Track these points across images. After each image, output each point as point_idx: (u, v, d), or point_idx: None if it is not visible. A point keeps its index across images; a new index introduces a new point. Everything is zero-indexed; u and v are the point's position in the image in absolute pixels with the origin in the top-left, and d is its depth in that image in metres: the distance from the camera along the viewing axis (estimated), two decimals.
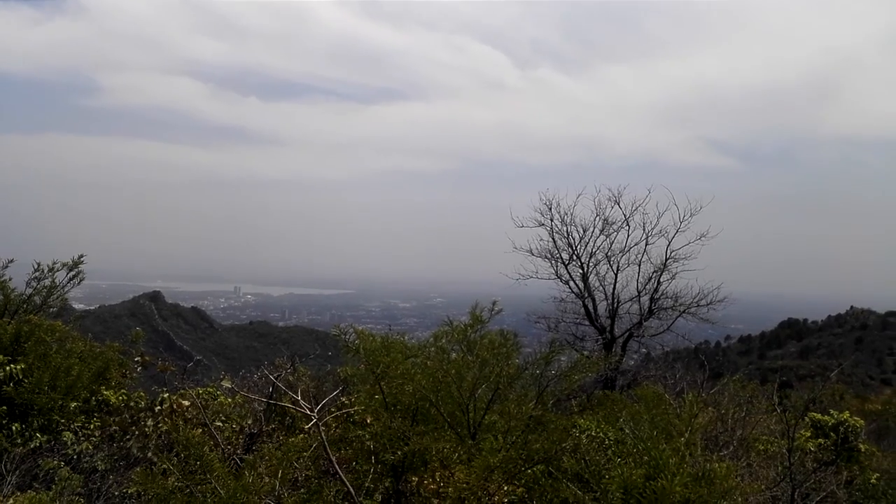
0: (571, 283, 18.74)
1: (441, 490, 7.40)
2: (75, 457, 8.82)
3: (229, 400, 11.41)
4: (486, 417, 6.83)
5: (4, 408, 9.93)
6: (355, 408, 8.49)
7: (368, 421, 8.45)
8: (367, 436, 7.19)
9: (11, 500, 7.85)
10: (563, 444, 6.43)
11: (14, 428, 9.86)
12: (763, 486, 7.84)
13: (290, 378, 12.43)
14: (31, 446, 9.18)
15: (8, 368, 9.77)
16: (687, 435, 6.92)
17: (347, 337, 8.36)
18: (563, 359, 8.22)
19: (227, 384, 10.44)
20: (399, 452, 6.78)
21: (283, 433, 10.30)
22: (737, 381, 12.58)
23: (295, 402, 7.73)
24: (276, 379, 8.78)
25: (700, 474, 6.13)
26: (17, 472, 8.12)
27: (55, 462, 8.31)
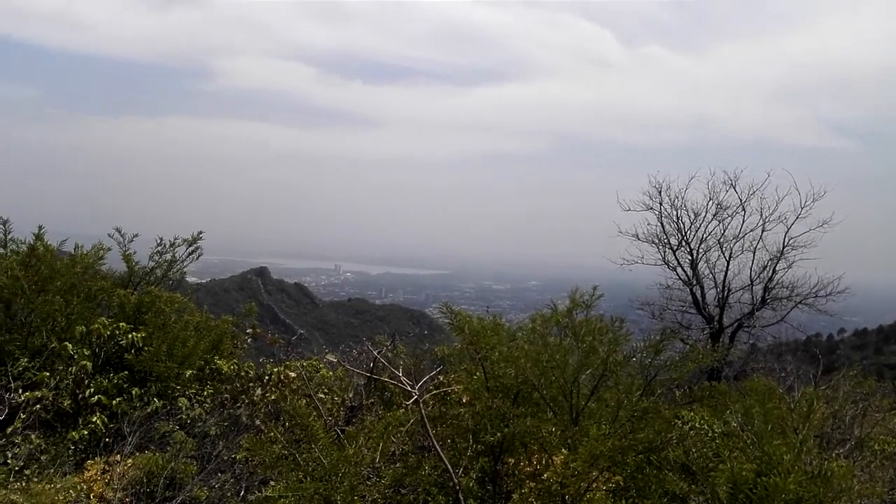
0: (679, 269, 18.14)
1: (537, 472, 7.35)
2: (189, 421, 9.36)
3: (330, 373, 11.77)
4: (588, 404, 6.70)
5: (126, 373, 10.64)
6: (454, 387, 8.54)
7: (465, 400, 8.49)
8: (467, 415, 7.22)
9: (131, 460, 8.42)
10: (668, 436, 6.22)
11: (134, 393, 10.54)
12: (881, 488, 7.34)
13: (390, 355, 12.64)
14: (149, 410, 9.80)
15: (130, 336, 10.46)
16: (803, 431, 6.55)
17: (449, 317, 8.39)
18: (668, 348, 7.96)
19: (331, 358, 10.76)
20: (499, 433, 6.77)
21: (382, 407, 10.53)
22: (853, 377, 11.83)
23: (395, 378, 7.87)
24: (377, 355, 8.95)
25: (816, 472, 5.79)
26: (137, 433, 8.69)
27: (171, 426, 8.84)
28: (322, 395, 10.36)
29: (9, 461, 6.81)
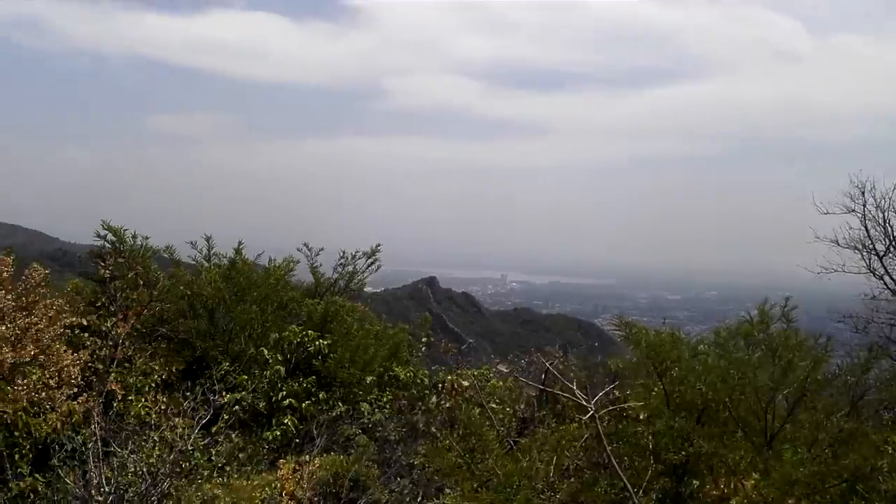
0: (887, 277, 16.23)
1: (725, 497, 6.86)
2: (370, 426, 9.81)
3: (500, 383, 11.82)
4: (785, 426, 6.16)
5: (313, 378, 11.37)
6: (631, 403, 8.23)
7: (642, 417, 8.14)
8: (646, 432, 6.93)
9: (318, 460, 8.95)
10: (878, 463, 5.56)
11: (320, 396, 11.24)
12: None
13: (561, 366, 12.45)
14: (334, 414, 10.38)
15: (317, 343, 11.17)
16: None
17: (623, 329, 8.09)
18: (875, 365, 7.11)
19: (502, 368, 10.79)
20: (682, 453, 6.41)
21: (554, 420, 10.37)
22: None
23: (568, 391, 7.72)
24: (550, 366, 8.85)
25: None
26: (324, 435, 9.23)
27: (354, 429, 9.31)
28: (494, 405, 10.42)
29: (213, 458, 7.48)
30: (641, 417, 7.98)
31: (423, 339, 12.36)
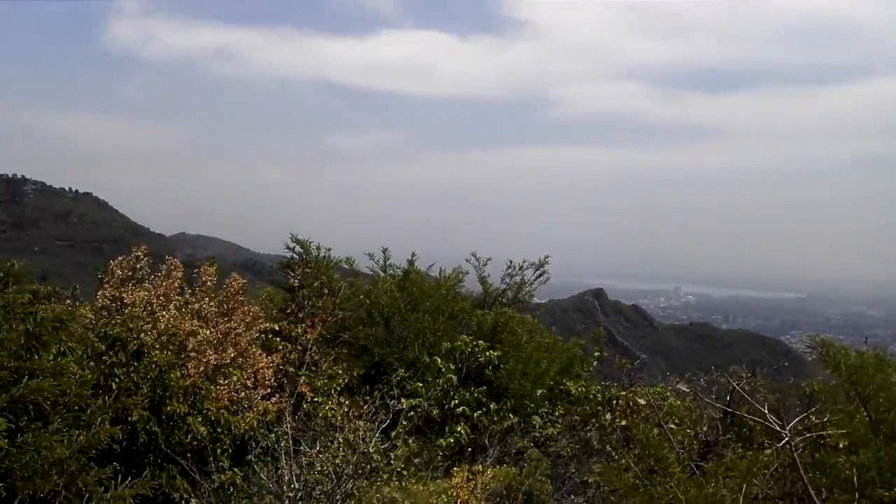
0: None
1: None
2: (542, 440, 9.71)
3: (678, 402, 11.22)
4: None
5: (484, 388, 11.48)
6: (830, 430, 7.46)
7: (842, 446, 7.35)
8: (848, 463, 6.22)
9: (491, 471, 8.98)
10: None
11: (491, 407, 11.32)
12: None
13: (747, 387, 11.59)
14: (505, 425, 10.40)
15: (488, 354, 11.27)
16: None
17: (818, 350, 7.36)
18: None
19: (683, 387, 10.24)
20: (894, 490, 5.68)
21: (740, 445, 9.68)
22: None
23: (757, 414, 7.13)
24: (736, 387, 8.25)
25: None
26: (497, 446, 9.26)
27: (526, 442, 9.26)
28: (673, 426, 9.89)
29: (392, 462, 7.75)
30: (842, 446, 7.21)
31: (596, 354, 12.06)
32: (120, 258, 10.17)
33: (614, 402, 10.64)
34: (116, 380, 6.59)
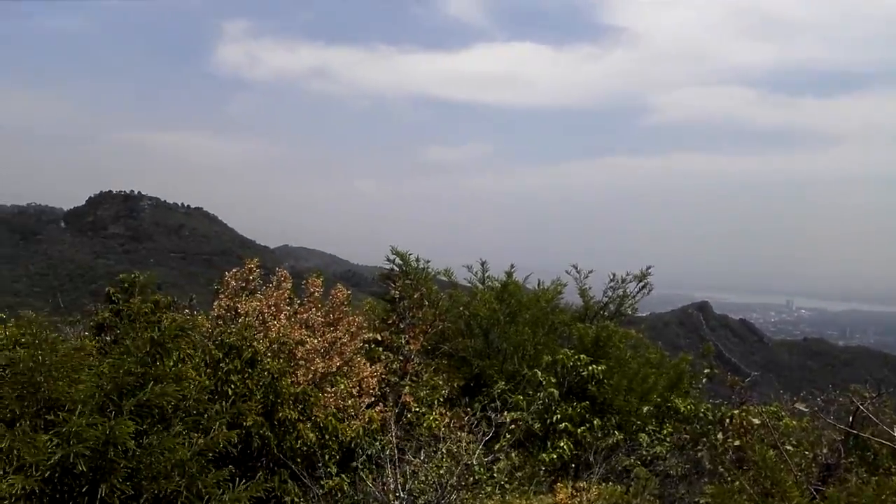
0: None
1: None
2: (649, 459, 9.39)
3: (794, 423, 10.61)
4: None
5: (587, 403, 11.25)
6: None
7: None
8: None
9: (596, 488, 8.78)
10: None
11: (595, 423, 11.07)
12: None
13: (871, 408, 10.85)
14: (609, 442, 10.14)
15: (591, 368, 11.04)
16: None
17: None
18: None
19: (801, 407, 9.68)
20: None
21: (864, 470, 9.04)
22: None
23: (883, 437, 6.64)
24: (861, 406, 7.72)
25: None
26: (602, 464, 9.04)
27: (632, 460, 8.98)
28: (790, 447, 9.36)
29: (495, 475, 7.72)
30: None
31: (706, 371, 11.56)
32: (234, 270, 10.68)
33: (726, 420, 10.18)
34: (232, 386, 6.90)
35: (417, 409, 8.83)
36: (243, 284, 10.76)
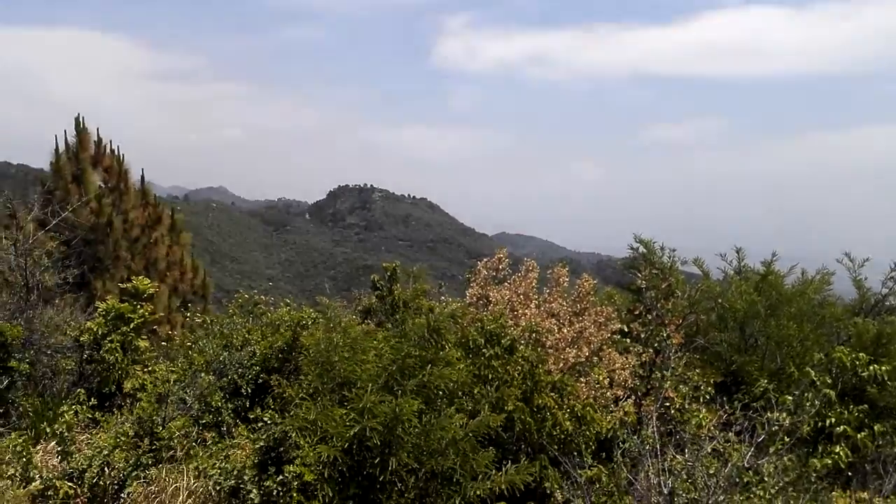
0: None
1: None
2: None
3: None
4: None
5: (865, 406, 10.03)
6: None
7: None
8: None
9: (882, 501, 7.81)
10: None
11: (876, 428, 9.84)
12: None
13: None
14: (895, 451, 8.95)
15: (872, 368, 9.82)
16: None
17: None
18: None
19: None
20: None
21: None
22: None
23: None
24: None
25: None
26: (892, 474, 8.01)
27: None
28: None
29: (765, 479, 7.18)
30: None
31: None
32: (485, 259, 11.13)
33: None
34: (493, 371, 7.19)
35: (681, 404, 8.50)
36: (493, 273, 11.16)
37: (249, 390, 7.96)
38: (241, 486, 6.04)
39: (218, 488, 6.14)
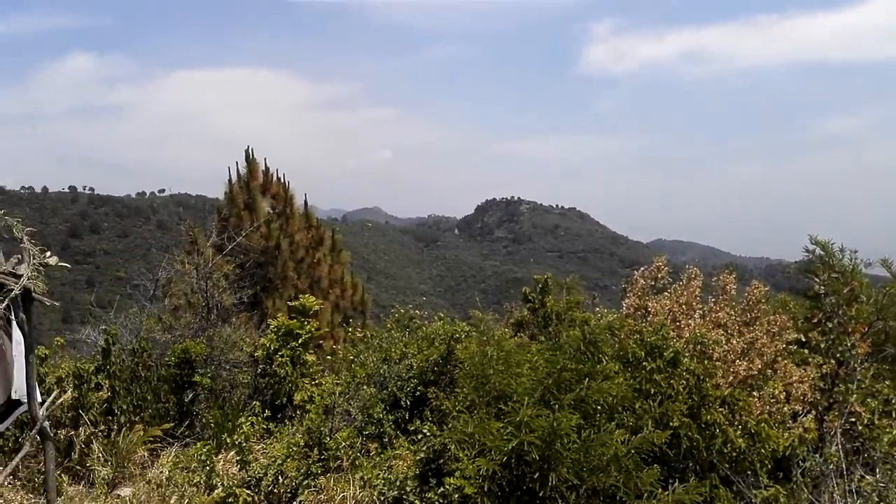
0: None
1: None
2: None
3: None
4: None
5: None
6: None
7: None
8: None
9: None
10: None
11: None
12: None
13: None
14: None
15: None
16: None
17: None
18: None
19: None
20: None
21: None
22: None
23: None
24: None
25: None
26: None
27: None
28: None
29: None
30: None
31: None
32: (642, 269, 10.69)
33: None
34: (656, 386, 6.85)
35: (870, 420, 7.66)
36: (652, 283, 10.68)
37: (408, 402, 8.15)
38: (404, 496, 6.17)
39: (382, 498, 6.31)
